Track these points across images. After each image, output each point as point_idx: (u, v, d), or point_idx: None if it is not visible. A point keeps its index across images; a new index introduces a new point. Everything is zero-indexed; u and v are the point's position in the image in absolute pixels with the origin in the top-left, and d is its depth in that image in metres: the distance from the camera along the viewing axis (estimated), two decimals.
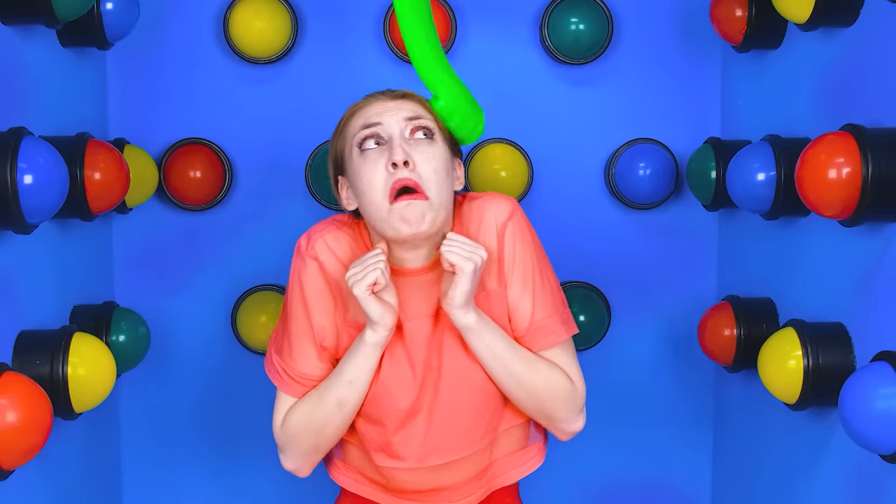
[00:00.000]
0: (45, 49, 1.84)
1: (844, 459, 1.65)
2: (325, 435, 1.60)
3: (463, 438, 1.60)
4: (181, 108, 2.22)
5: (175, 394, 2.27)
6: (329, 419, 1.58)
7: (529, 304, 1.60)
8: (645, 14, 2.24)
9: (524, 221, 1.62)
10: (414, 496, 1.65)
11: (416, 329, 1.58)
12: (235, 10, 2.16)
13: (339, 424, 1.59)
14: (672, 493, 2.34)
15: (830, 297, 1.72)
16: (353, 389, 1.56)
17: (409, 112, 1.55)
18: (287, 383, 1.61)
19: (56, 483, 1.83)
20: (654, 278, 2.29)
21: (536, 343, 1.61)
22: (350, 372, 1.56)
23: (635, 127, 2.26)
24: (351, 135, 1.56)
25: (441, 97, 1.55)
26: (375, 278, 1.49)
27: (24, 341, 1.64)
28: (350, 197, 1.60)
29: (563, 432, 1.66)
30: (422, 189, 1.50)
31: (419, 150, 1.52)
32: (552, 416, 1.63)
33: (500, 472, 1.68)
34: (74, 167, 1.76)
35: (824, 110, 1.76)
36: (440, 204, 1.52)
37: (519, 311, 1.61)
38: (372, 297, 1.50)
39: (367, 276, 1.49)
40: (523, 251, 1.61)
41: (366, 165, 1.52)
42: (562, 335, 1.62)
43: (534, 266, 1.61)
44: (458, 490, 1.64)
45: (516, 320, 1.61)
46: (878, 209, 1.46)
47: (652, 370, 2.32)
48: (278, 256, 2.25)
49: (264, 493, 2.31)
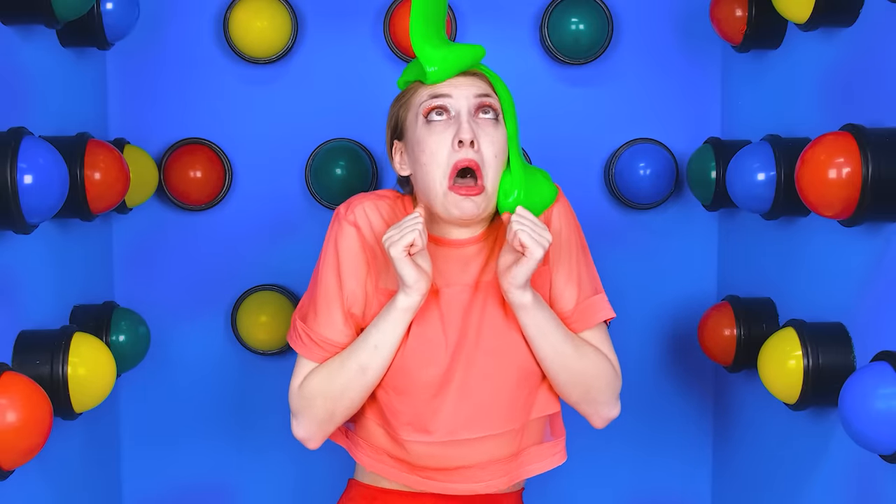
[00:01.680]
0: (45, 49, 1.84)
1: (844, 459, 1.65)
2: (342, 402, 1.58)
3: (496, 414, 1.59)
4: (181, 107, 2.22)
5: (175, 394, 2.27)
6: (349, 385, 1.56)
7: (575, 286, 1.63)
8: (645, 14, 2.24)
9: (568, 205, 1.66)
10: (439, 474, 1.62)
11: (453, 295, 1.58)
12: (235, 10, 2.16)
13: (358, 391, 1.57)
14: (672, 493, 2.34)
15: (830, 297, 1.72)
16: (378, 355, 1.55)
17: (478, 89, 1.56)
18: (308, 347, 1.60)
19: (56, 483, 1.83)
20: (654, 278, 2.29)
21: (581, 323, 1.63)
22: (376, 336, 1.55)
23: (635, 127, 2.26)
24: (417, 103, 1.57)
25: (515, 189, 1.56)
26: (413, 239, 1.48)
27: (24, 341, 1.64)
28: (404, 162, 1.61)
29: (602, 418, 1.66)
30: (482, 174, 1.52)
31: (484, 132, 1.54)
32: (595, 399, 1.63)
33: (527, 461, 1.66)
34: (74, 167, 1.76)
35: (824, 110, 1.76)
36: (493, 191, 1.54)
37: (565, 292, 1.63)
38: (408, 259, 1.49)
39: (404, 236, 1.48)
40: (569, 234, 1.64)
41: (431, 137, 1.53)
42: (604, 314, 1.65)
43: (578, 249, 1.65)
44: (485, 469, 1.62)
45: (562, 301, 1.63)
46: (878, 209, 1.46)
47: (652, 370, 2.32)
48: (278, 256, 2.26)
49: (265, 492, 2.31)
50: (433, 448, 1.59)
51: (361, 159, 2.21)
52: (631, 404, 2.28)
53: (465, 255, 1.61)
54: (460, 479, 1.63)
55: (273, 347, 2.24)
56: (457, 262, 1.61)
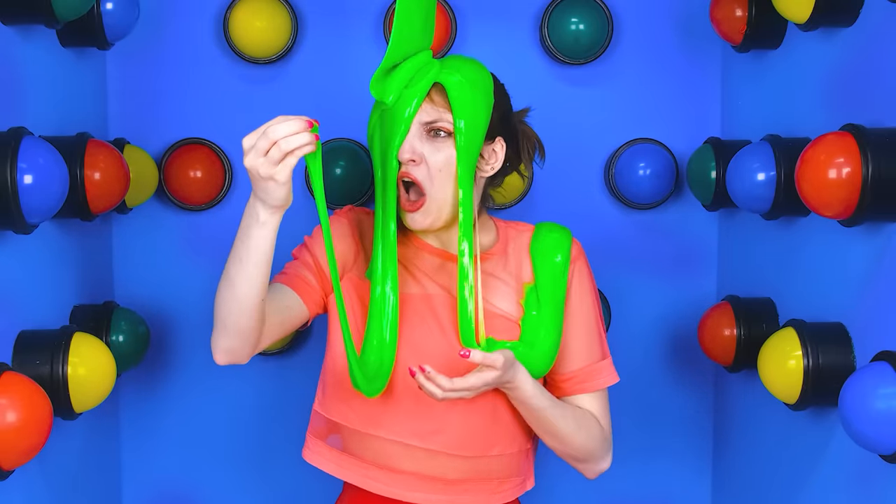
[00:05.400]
0: (45, 49, 1.84)
1: (844, 459, 1.65)
2: (220, 311, 1.52)
3: (471, 435, 1.60)
4: (181, 107, 2.22)
5: (175, 394, 2.27)
6: (221, 295, 1.51)
7: (585, 349, 1.65)
8: (645, 14, 2.24)
9: (587, 262, 1.69)
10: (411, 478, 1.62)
11: (442, 301, 1.61)
12: (235, 10, 2.16)
13: (230, 303, 1.50)
14: (672, 493, 2.34)
15: (830, 297, 1.72)
16: (241, 268, 1.47)
17: (427, 116, 1.60)
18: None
19: (56, 483, 1.83)
20: (654, 278, 2.29)
21: (584, 386, 1.65)
22: (240, 249, 1.48)
23: (635, 127, 2.26)
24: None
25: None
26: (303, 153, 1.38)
27: (24, 341, 1.64)
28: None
29: (591, 472, 1.71)
30: (423, 187, 1.60)
31: (432, 146, 1.59)
32: (581, 460, 1.67)
33: (491, 489, 1.65)
34: (74, 167, 1.76)
35: (824, 110, 1.76)
36: (445, 199, 1.59)
37: (574, 352, 1.65)
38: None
39: (302, 148, 1.37)
40: (586, 294, 1.67)
41: None
42: (608, 380, 1.67)
43: (593, 311, 1.67)
44: (424, 482, 1.61)
45: (569, 360, 1.65)
46: (878, 209, 1.46)
47: (652, 370, 2.32)
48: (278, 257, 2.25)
49: (266, 492, 2.31)
50: (408, 451, 1.60)
51: (361, 159, 2.21)
52: (631, 404, 2.30)
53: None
54: (405, 486, 1.61)
55: (273, 347, 2.24)
56: (448, 273, 1.63)
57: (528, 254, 1.67)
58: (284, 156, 1.36)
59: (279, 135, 1.36)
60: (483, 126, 1.57)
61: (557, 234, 1.68)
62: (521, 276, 1.65)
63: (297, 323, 1.63)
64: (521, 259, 1.67)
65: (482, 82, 1.59)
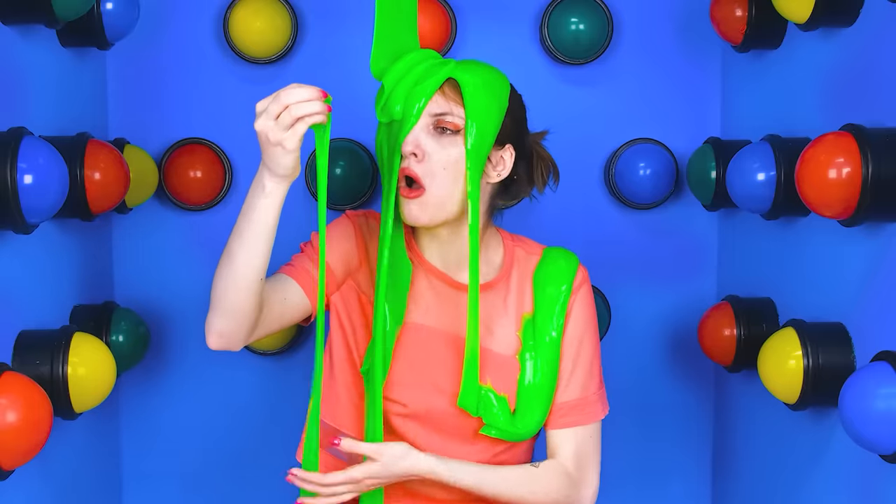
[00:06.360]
0: (45, 49, 1.84)
1: (844, 459, 1.65)
2: (217, 290, 1.48)
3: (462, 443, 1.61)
4: (181, 108, 2.22)
5: (175, 394, 2.27)
6: (220, 271, 1.47)
7: (581, 381, 1.63)
8: (645, 14, 2.24)
9: (591, 291, 1.66)
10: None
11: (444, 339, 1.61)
12: (235, 10, 2.16)
13: (227, 280, 1.46)
14: (672, 493, 2.34)
15: (830, 297, 1.72)
16: (242, 242, 1.45)
17: (437, 107, 1.57)
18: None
19: (56, 483, 1.83)
20: (654, 278, 2.29)
21: (576, 419, 1.62)
22: (241, 222, 1.45)
23: (635, 127, 2.26)
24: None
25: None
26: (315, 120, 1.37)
27: (24, 341, 1.64)
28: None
29: (585, 498, 1.64)
30: (423, 183, 1.57)
31: (438, 143, 1.57)
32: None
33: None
34: (74, 167, 1.76)
35: (824, 110, 1.76)
36: (446, 198, 1.56)
37: (571, 383, 1.63)
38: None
39: (314, 116, 1.36)
40: (587, 326, 1.64)
41: None
42: (601, 414, 1.65)
43: (592, 343, 1.65)
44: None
45: (564, 391, 1.62)
46: (878, 209, 1.46)
47: (652, 370, 2.32)
48: (278, 257, 2.25)
49: (266, 492, 2.31)
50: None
51: (361, 159, 2.21)
52: (631, 404, 2.30)
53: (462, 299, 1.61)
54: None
55: (273, 347, 2.24)
56: (454, 305, 1.62)
57: (531, 282, 1.65)
58: (295, 121, 1.36)
59: (291, 100, 1.35)
60: (494, 129, 1.54)
61: (563, 262, 1.65)
62: (522, 306, 1.64)
63: (297, 317, 1.61)
64: (523, 287, 1.65)
65: (498, 85, 1.56)
